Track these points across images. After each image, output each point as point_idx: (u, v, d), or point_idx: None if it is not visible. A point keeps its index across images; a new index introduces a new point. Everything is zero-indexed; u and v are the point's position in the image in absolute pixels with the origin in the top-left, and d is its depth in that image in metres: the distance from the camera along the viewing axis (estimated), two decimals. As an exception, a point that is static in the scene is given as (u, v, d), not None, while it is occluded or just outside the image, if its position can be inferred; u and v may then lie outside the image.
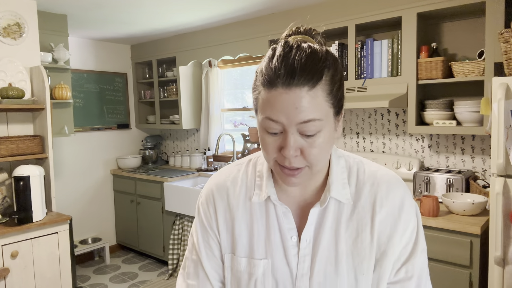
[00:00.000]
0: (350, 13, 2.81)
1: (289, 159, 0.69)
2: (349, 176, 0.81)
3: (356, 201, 0.78)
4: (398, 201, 0.78)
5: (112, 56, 4.45)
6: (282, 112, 0.67)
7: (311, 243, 0.78)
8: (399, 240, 0.77)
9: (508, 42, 1.96)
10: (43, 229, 2.48)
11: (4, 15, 2.67)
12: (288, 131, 0.68)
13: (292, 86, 0.66)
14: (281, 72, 0.66)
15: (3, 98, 2.53)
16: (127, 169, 4.38)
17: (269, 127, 0.69)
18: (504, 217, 1.89)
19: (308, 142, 0.69)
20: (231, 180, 0.86)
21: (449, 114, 2.52)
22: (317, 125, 0.68)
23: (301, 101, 0.66)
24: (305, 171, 0.72)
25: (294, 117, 0.66)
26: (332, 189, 0.78)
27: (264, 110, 0.69)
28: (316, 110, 0.67)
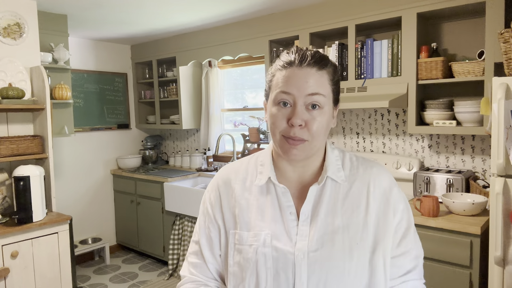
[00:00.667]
0: (350, 13, 2.81)
1: (295, 127, 0.82)
2: (343, 162, 0.94)
3: (352, 183, 0.90)
4: (388, 183, 0.91)
5: (112, 56, 4.45)
6: (294, 85, 0.83)
7: (309, 217, 0.88)
8: (392, 217, 0.88)
9: (508, 42, 1.96)
10: (43, 229, 2.48)
11: (4, 15, 2.67)
12: (297, 103, 0.83)
13: (304, 65, 0.84)
14: (296, 57, 0.85)
15: (3, 98, 2.53)
16: (127, 169, 4.38)
17: (282, 98, 0.84)
18: (504, 217, 1.89)
19: (312, 116, 0.83)
20: (235, 170, 0.99)
21: (449, 114, 2.52)
22: (321, 100, 0.84)
23: (311, 77, 0.83)
24: (305, 145, 0.84)
25: (304, 89, 0.82)
26: (328, 170, 0.90)
27: (278, 85, 0.85)
28: (321, 87, 0.84)
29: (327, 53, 2.95)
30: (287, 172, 0.93)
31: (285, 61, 0.86)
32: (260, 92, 3.95)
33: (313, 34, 3.06)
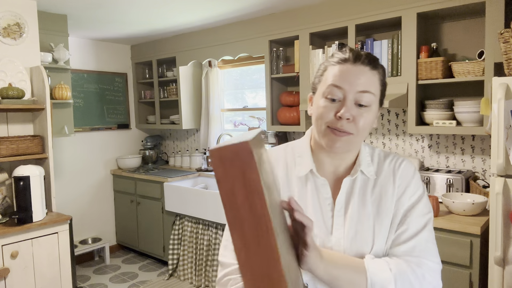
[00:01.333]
0: (350, 13, 2.81)
1: (343, 121, 0.85)
2: (372, 158, 0.99)
3: (379, 175, 0.97)
4: (412, 170, 0.98)
5: (112, 56, 4.45)
6: (346, 81, 0.86)
7: (343, 207, 0.94)
8: (411, 194, 0.94)
9: (508, 42, 1.96)
10: (43, 229, 2.48)
11: (4, 15, 2.67)
12: (347, 98, 0.86)
13: (358, 63, 0.87)
14: (350, 55, 0.89)
15: (3, 98, 2.53)
16: (127, 169, 4.38)
17: (332, 92, 0.87)
18: (504, 217, 1.89)
19: (359, 112, 0.87)
20: (275, 159, 1.01)
21: (449, 114, 2.52)
22: (370, 99, 0.87)
23: (364, 75, 0.87)
24: (350, 138, 0.88)
25: (356, 85, 0.86)
26: (361, 164, 0.96)
27: (330, 79, 0.88)
28: (372, 85, 0.88)
29: (327, 53, 2.95)
30: (325, 164, 0.97)
31: (340, 57, 0.90)
32: (260, 92, 3.95)
33: (313, 34, 3.06)
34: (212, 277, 3.34)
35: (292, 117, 3.24)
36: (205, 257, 3.42)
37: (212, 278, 3.35)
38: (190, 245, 3.56)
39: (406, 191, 0.94)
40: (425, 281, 0.88)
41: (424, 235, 0.91)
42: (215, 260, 3.33)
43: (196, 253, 3.52)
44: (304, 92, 3.10)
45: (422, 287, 0.88)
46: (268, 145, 3.63)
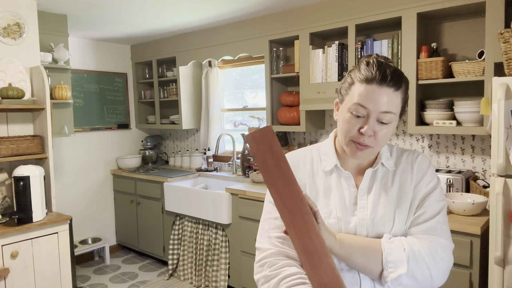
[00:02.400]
0: (350, 13, 2.81)
1: (365, 137, 0.97)
2: (391, 153, 1.12)
3: (398, 166, 1.09)
4: (427, 162, 1.10)
5: (112, 56, 4.45)
6: (372, 102, 0.95)
7: (366, 192, 1.06)
8: (425, 184, 1.06)
9: (508, 42, 1.96)
10: (43, 229, 2.48)
11: (4, 15, 2.67)
12: (370, 117, 0.96)
13: (384, 85, 0.95)
14: (377, 75, 0.95)
15: (3, 98, 2.53)
16: (127, 169, 4.38)
17: (357, 110, 0.97)
18: (504, 217, 1.89)
19: (380, 128, 0.98)
20: (302, 157, 1.14)
21: (449, 114, 2.52)
22: (391, 118, 0.98)
23: (388, 97, 0.96)
24: (370, 150, 1.00)
25: (380, 106, 0.95)
26: (382, 158, 1.08)
27: (356, 97, 0.97)
28: (394, 106, 0.97)
29: (327, 53, 2.95)
30: (348, 160, 1.10)
31: (367, 76, 0.97)
32: (260, 92, 3.94)
33: (313, 34, 3.06)
34: (212, 277, 3.34)
35: (292, 117, 3.24)
36: (205, 257, 3.42)
37: (212, 278, 3.35)
38: (190, 245, 3.56)
39: (423, 179, 1.06)
40: (438, 255, 0.99)
41: (439, 218, 1.03)
42: (215, 260, 3.33)
43: (196, 253, 3.52)
44: (304, 92, 3.10)
45: (435, 261, 0.99)
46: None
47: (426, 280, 0.99)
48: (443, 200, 1.07)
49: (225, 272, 3.26)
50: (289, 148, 3.54)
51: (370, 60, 0.99)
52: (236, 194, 3.17)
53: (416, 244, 0.99)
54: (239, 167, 3.82)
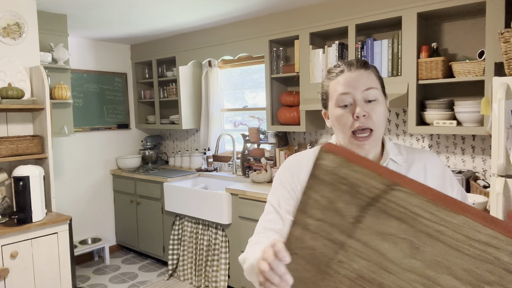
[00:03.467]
0: (350, 13, 2.81)
1: (361, 119, 0.97)
2: (399, 150, 1.10)
3: (410, 164, 1.07)
4: (441, 164, 1.10)
5: (112, 56, 4.45)
6: (349, 86, 0.99)
7: None
8: (451, 188, 1.06)
9: (508, 42, 1.95)
10: (42, 229, 2.47)
11: (4, 15, 2.66)
12: (356, 99, 0.98)
13: (353, 68, 1.01)
14: (344, 65, 1.02)
15: (2, 98, 2.53)
16: (127, 169, 4.38)
17: (342, 100, 0.99)
18: (504, 217, 1.88)
19: (370, 107, 0.98)
20: (305, 158, 1.14)
21: (449, 114, 2.52)
22: (375, 93, 0.99)
23: (362, 76, 1.00)
24: (371, 136, 0.99)
25: (358, 86, 0.98)
26: (389, 153, 1.07)
27: (336, 91, 1.01)
28: (372, 82, 1.00)
29: (327, 53, 2.95)
30: None
31: (336, 71, 1.03)
32: (260, 92, 3.94)
33: (313, 34, 3.06)
34: (212, 277, 3.34)
35: (292, 117, 3.24)
36: (205, 257, 3.42)
37: (212, 278, 3.34)
38: (190, 245, 3.55)
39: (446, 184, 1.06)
40: None
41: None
42: (215, 260, 3.33)
43: (196, 253, 3.52)
44: (304, 92, 3.10)
45: None
46: (268, 145, 3.63)
47: None
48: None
49: (225, 272, 3.25)
50: (289, 148, 3.54)
51: (335, 64, 1.07)
52: (236, 194, 3.17)
53: None
54: (239, 167, 3.82)
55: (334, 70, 1.04)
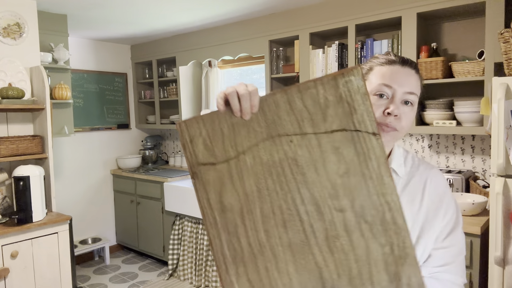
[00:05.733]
0: (350, 13, 2.81)
1: (391, 117, 0.91)
2: (405, 160, 1.01)
3: (410, 178, 0.98)
4: (443, 186, 0.99)
5: (112, 56, 4.45)
6: (396, 81, 0.92)
7: None
8: (442, 216, 0.95)
9: (508, 42, 1.96)
10: (43, 229, 2.48)
11: (4, 15, 2.67)
12: (395, 97, 0.92)
13: (406, 66, 0.94)
14: (397, 58, 0.95)
15: (3, 98, 2.53)
16: (127, 169, 4.38)
17: (382, 90, 0.92)
18: (504, 217, 1.89)
19: (404, 110, 0.93)
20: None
21: (449, 114, 2.52)
22: (414, 99, 0.94)
23: (411, 77, 0.94)
24: (395, 134, 0.93)
25: (404, 86, 0.92)
26: (392, 162, 0.98)
27: (379, 78, 0.93)
28: (416, 88, 0.95)
29: (327, 53, 2.95)
30: None
31: (388, 58, 0.96)
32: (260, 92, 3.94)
33: (313, 34, 3.06)
34: (212, 277, 3.34)
35: (292, 117, 3.24)
36: (205, 257, 3.42)
37: (212, 278, 3.35)
38: (190, 245, 3.56)
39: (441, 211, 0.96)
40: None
41: (463, 256, 0.96)
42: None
43: (196, 253, 3.52)
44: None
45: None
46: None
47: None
48: (462, 241, 0.98)
49: (225, 272, 3.25)
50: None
51: (385, 53, 1.01)
52: (236, 194, 3.16)
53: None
54: (239, 167, 3.82)
55: (386, 57, 0.97)
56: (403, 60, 0.95)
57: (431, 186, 0.97)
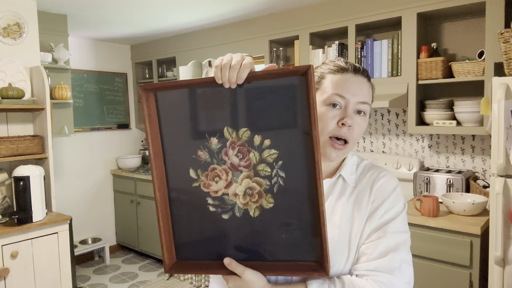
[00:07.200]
0: (350, 13, 2.81)
1: (345, 127, 0.88)
2: (357, 167, 0.98)
3: (358, 183, 0.94)
4: (391, 186, 0.93)
5: (112, 56, 4.45)
6: (349, 90, 0.90)
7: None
8: (382, 213, 0.89)
9: (508, 42, 1.96)
10: (43, 229, 2.48)
11: (4, 15, 2.67)
12: (348, 107, 0.89)
13: (359, 74, 0.92)
14: (349, 66, 0.92)
15: (3, 98, 2.53)
16: (127, 169, 4.38)
17: (335, 100, 0.89)
18: (504, 217, 1.89)
19: (357, 121, 0.90)
20: None
21: (449, 114, 2.52)
22: (367, 109, 0.92)
23: (364, 86, 0.92)
24: (346, 148, 0.91)
25: (357, 96, 0.90)
26: (342, 169, 0.95)
27: (332, 88, 0.90)
28: (368, 97, 0.93)
29: (327, 53, 2.95)
30: None
31: (340, 65, 0.92)
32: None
33: (313, 34, 3.06)
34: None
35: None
36: (205, 257, 3.42)
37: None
38: (190, 245, 3.55)
39: (380, 207, 0.89)
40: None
41: (400, 255, 0.86)
42: (215, 260, 3.33)
43: (196, 253, 3.52)
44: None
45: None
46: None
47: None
48: (405, 232, 0.90)
49: (225, 272, 3.25)
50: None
51: (336, 59, 0.98)
52: (236, 194, 3.16)
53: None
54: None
55: (338, 63, 0.93)
56: (355, 68, 0.92)
57: (376, 186, 0.92)
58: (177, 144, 0.83)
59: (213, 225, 0.84)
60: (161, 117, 0.82)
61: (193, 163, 0.82)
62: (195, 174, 0.83)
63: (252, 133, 0.78)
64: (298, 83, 0.74)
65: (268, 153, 0.78)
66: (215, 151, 0.81)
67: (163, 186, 0.86)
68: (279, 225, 0.80)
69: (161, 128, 0.83)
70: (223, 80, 0.77)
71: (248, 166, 0.79)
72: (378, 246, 0.86)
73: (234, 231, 0.83)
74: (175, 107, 0.82)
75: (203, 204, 0.84)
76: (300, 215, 0.79)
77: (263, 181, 0.79)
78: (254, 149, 0.79)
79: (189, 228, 0.88)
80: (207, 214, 0.84)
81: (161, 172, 0.85)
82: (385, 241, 0.86)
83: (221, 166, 0.81)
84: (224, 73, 0.76)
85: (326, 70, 0.94)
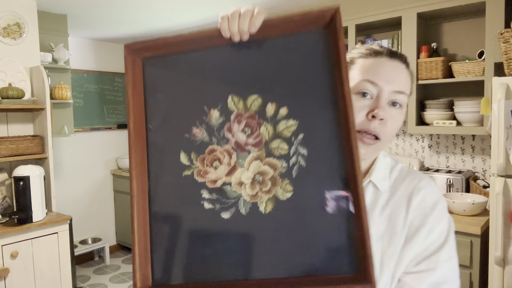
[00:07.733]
0: (350, 13, 2.81)
1: (376, 121, 0.73)
2: (392, 171, 0.83)
3: (394, 192, 0.80)
4: (433, 199, 0.78)
5: (112, 56, 4.45)
6: (383, 77, 0.74)
7: None
8: (426, 235, 0.76)
9: (508, 42, 1.96)
10: (43, 229, 2.48)
11: (4, 15, 2.67)
12: (381, 96, 0.74)
13: (396, 58, 0.76)
14: (384, 49, 0.77)
15: (3, 98, 2.53)
16: (127, 169, 4.38)
17: (365, 88, 0.74)
18: (504, 217, 1.89)
19: (391, 113, 0.75)
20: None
21: (449, 114, 2.52)
22: (403, 100, 0.76)
23: (401, 72, 0.76)
24: (376, 146, 0.76)
25: (393, 83, 0.74)
26: (372, 174, 0.80)
27: (362, 73, 0.75)
28: (406, 86, 0.77)
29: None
30: None
31: (373, 49, 0.77)
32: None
33: (313, 34, 3.06)
34: (212, 277, 3.34)
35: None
36: (205, 257, 3.41)
37: (212, 278, 3.34)
38: (190, 245, 3.55)
39: (422, 228, 0.76)
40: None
41: (447, 286, 0.75)
42: (215, 260, 3.33)
43: (196, 253, 3.51)
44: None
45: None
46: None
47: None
48: (455, 257, 0.76)
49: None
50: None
51: (370, 43, 0.85)
52: (236, 194, 3.16)
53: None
54: (239, 167, 3.82)
55: (371, 47, 0.78)
56: (391, 52, 0.77)
57: (416, 199, 0.77)
58: (166, 119, 0.64)
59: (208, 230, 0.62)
60: (147, 83, 0.65)
61: (186, 144, 0.63)
62: (187, 159, 0.63)
63: (264, 101, 0.61)
64: (322, 34, 0.59)
65: (285, 125, 0.61)
66: (216, 128, 0.63)
67: (142, 176, 0.64)
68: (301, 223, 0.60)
69: (146, 97, 0.65)
70: (231, 31, 0.60)
71: (258, 144, 0.61)
72: (427, 280, 0.74)
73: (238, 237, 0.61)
74: (166, 71, 0.65)
75: (196, 200, 0.62)
76: None
77: (278, 162, 0.60)
78: (266, 121, 0.61)
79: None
80: (200, 214, 0.62)
81: (141, 157, 0.64)
82: (435, 274, 0.74)
83: (222, 146, 0.62)
84: (233, 23, 0.60)
85: (356, 54, 0.79)
